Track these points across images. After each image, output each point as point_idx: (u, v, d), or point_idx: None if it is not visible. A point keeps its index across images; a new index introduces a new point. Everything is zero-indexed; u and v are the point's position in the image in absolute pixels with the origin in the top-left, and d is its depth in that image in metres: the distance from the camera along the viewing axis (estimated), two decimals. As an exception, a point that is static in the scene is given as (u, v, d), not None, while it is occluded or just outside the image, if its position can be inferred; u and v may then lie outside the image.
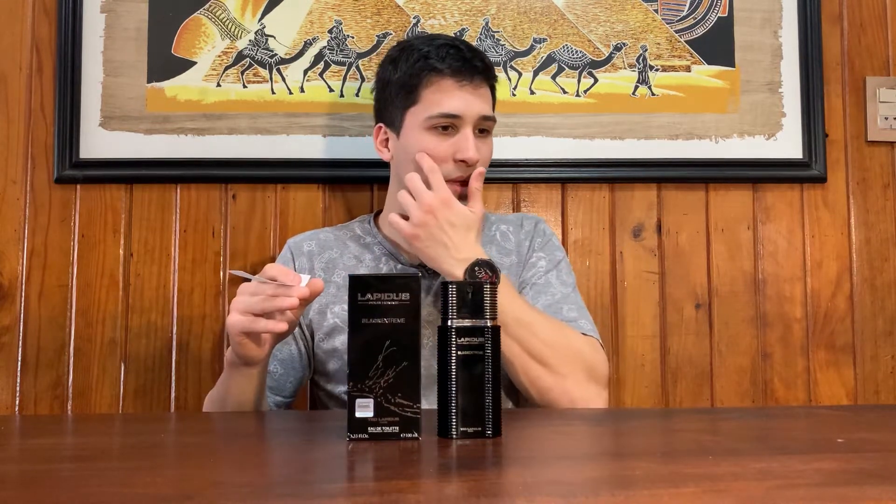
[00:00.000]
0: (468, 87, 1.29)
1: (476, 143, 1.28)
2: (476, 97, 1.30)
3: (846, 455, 0.74)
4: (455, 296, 0.84)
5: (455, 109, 1.28)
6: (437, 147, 1.28)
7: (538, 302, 1.29)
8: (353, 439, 0.80)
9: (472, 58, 1.30)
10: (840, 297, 1.66)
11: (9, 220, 1.58)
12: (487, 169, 1.60)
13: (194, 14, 1.62)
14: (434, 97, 1.28)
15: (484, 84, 1.32)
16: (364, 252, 1.37)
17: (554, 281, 1.33)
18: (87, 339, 1.57)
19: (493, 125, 1.33)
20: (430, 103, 1.28)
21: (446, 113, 1.27)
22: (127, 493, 0.60)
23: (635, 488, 0.60)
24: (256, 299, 1.02)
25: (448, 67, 1.28)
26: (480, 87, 1.31)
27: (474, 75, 1.29)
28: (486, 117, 1.31)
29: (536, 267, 1.35)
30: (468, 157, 1.26)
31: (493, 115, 1.33)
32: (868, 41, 1.70)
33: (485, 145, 1.32)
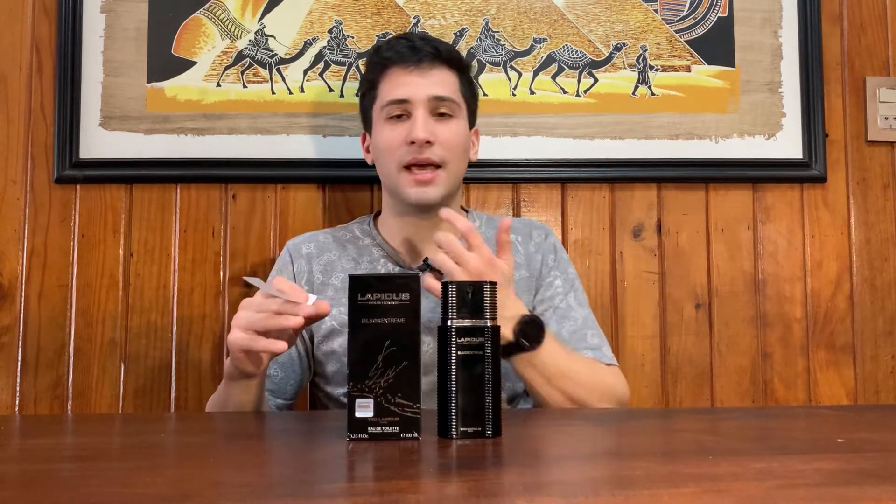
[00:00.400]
0: (416, 71, 1.30)
1: (433, 126, 1.28)
2: (425, 79, 1.29)
3: (846, 455, 0.74)
4: (455, 296, 0.84)
5: (402, 94, 1.29)
6: (391, 134, 1.30)
7: (563, 328, 1.31)
8: (353, 439, 0.80)
9: (423, 45, 1.31)
10: (840, 297, 1.66)
11: (9, 220, 1.58)
12: (487, 169, 1.61)
13: (194, 14, 1.62)
14: (387, 87, 1.31)
15: (437, 66, 1.31)
16: (363, 254, 1.37)
17: (574, 304, 1.35)
18: (87, 339, 1.57)
19: (454, 107, 1.31)
20: (384, 94, 1.32)
21: (394, 99, 1.30)
22: (127, 493, 0.60)
23: (635, 488, 0.60)
24: (259, 317, 1.01)
25: (396, 55, 1.31)
26: (431, 69, 1.30)
27: (422, 59, 1.30)
28: (439, 97, 1.29)
29: (554, 287, 1.35)
30: (415, 137, 1.26)
31: (450, 97, 1.30)
32: (868, 41, 1.70)
33: (445, 128, 1.29)
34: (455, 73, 1.34)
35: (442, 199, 1.30)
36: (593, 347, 1.32)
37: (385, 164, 1.32)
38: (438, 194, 1.29)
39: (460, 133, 1.32)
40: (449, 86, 1.32)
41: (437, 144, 1.28)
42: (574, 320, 1.33)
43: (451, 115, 1.31)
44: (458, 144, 1.31)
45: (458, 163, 1.32)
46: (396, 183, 1.30)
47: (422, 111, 1.28)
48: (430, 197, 1.28)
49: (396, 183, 1.30)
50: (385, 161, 1.32)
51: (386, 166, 1.32)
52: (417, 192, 1.28)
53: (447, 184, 1.30)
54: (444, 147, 1.28)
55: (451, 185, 1.31)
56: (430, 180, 1.28)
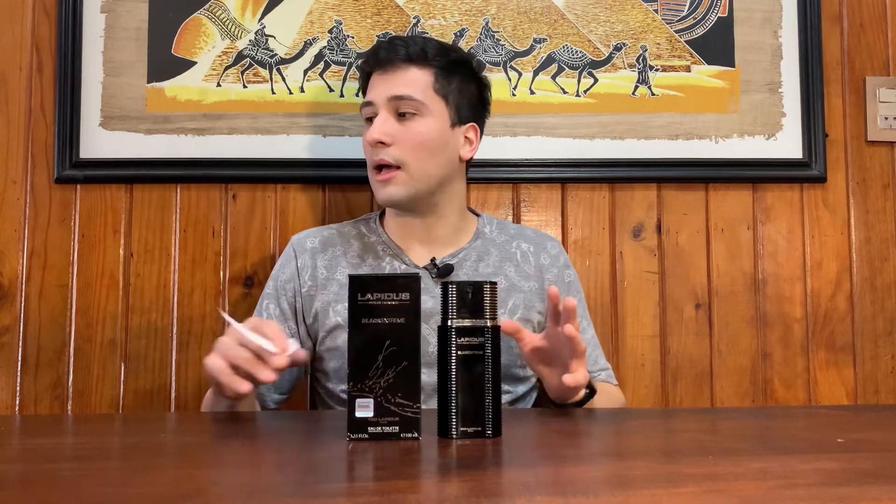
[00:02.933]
0: (383, 74, 1.32)
1: (391, 127, 1.29)
2: (388, 81, 1.30)
3: (846, 455, 0.74)
4: (455, 296, 0.84)
5: (368, 97, 1.33)
6: (365, 137, 1.32)
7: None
8: (353, 439, 0.80)
9: (390, 47, 1.32)
10: (840, 297, 1.66)
11: (9, 220, 1.58)
12: (487, 169, 1.61)
13: (194, 14, 1.62)
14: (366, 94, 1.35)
15: (403, 67, 1.30)
16: (367, 251, 1.37)
17: (586, 326, 1.41)
18: (87, 339, 1.57)
19: (418, 106, 1.29)
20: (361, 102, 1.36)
21: (363, 102, 1.34)
22: (127, 493, 0.60)
23: (635, 488, 0.60)
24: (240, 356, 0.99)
25: (373, 63, 1.34)
26: (396, 71, 1.30)
27: (391, 60, 1.31)
28: (398, 96, 1.29)
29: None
30: (368, 139, 1.29)
31: (409, 95, 1.28)
32: (868, 41, 1.70)
33: (404, 129, 1.29)
34: (427, 71, 1.31)
35: (406, 198, 1.30)
36: (605, 368, 1.41)
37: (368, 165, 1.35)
38: (399, 194, 1.29)
39: (424, 132, 1.29)
40: (413, 85, 1.29)
41: (395, 145, 1.28)
42: (589, 342, 1.39)
43: (415, 113, 1.29)
44: (420, 143, 1.28)
45: (425, 160, 1.29)
46: (372, 184, 1.34)
47: (382, 112, 1.30)
48: (390, 195, 1.29)
49: (372, 184, 1.34)
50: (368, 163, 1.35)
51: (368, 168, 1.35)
52: (381, 191, 1.31)
53: (408, 183, 1.29)
54: (401, 147, 1.28)
55: (418, 184, 1.29)
56: (389, 180, 1.29)
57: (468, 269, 1.34)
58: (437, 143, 1.30)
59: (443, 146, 1.31)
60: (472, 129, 1.36)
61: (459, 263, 1.34)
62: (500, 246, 1.39)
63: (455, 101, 1.33)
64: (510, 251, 1.38)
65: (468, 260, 1.35)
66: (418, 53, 1.31)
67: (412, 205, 1.32)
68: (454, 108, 1.33)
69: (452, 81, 1.33)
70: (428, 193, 1.32)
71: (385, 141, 1.28)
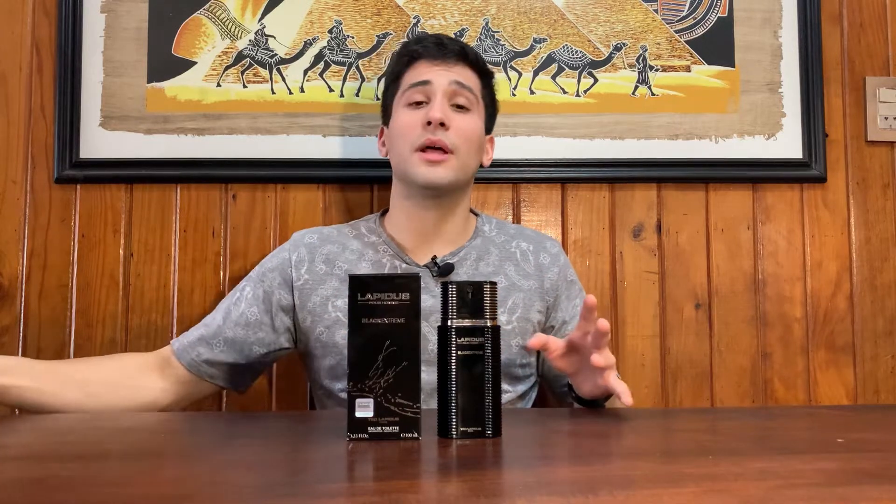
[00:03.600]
0: (441, 64, 1.33)
1: (448, 112, 1.30)
2: (447, 69, 1.33)
3: (846, 455, 0.74)
4: (455, 296, 0.84)
5: (424, 76, 1.33)
6: (409, 118, 1.32)
7: None
8: (353, 439, 0.80)
9: (451, 42, 1.36)
10: (840, 297, 1.66)
11: (9, 220, 1.58)
12: (488, 169, 1.61)
13: (194, 14, 1.62)
14: (410, 76, 1.35)
15: (460, 63, 1.34)
16: (367, 249, 1.37)
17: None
18: (87, 339, 1.57)
19: (472, 101, 1.33)
20: (406, 82, 1.35)
21: (416, 81, 1.33)
22: (127, 493, 0.60)
23: (635, 488, 0.60)
24: None
25: (424, 49, 1.34)
26: (457, 65, 1.34)
27: (449, 55, 1.33)
28: (460, 83, 1.32)
29: (576, 306, 1.39)
30: (432, 116, 1.28)
31: (470, 86, 1.33)
32: (868, 41, 1.70)
33: (460, 118, 1.32)
34: (477, 75, 1.37)
35: (450, 184, 1.31)
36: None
37: (399, 147, 1.33)
38: (447, 177, 1.30)
39: (475, 127, 1.34)
40: (471, 80, 1.35)
41: (452, 130, 1.30)
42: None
43: (469, 108, 1.33)
44: (472, 135, 1.33)
45: (470, 154, 1.33)
46: (407, 165, 1.31)
47: (441, 95, 1.31)
48: (438, 177, 1.29)
49: (407, 165, 1.31)
50: (399, 144, 1.33)
51: (399, 149, 1.33)
52: (427, 171, 1.29)
53: (456, 169, 1.30)
54: (457, 133, 1.30)
55: (461, 174, 1.32)
56: (441, 161, 1.29)
57: (468, 267, 1.35)
58: (479, 142, 1.35)
59: (480, 146, 1.36)
60: (490, 141, 1.44)
61: (460, 262, 1.35)
62: (500, 245, 1.39)
63: (488, 109, 1.39)
64: (510, 250, 1.38)
65: (468, 259, 1.36)
66: (473, 56, 1.37)
67: (446, 191, 1.33)
68: (487, 115, 1.39)
69: (488, 90, 1.40)
70: (460, 187, 1.34)
71: (447, 122, 1.29)
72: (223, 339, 1.31)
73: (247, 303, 1.33)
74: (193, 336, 1.32)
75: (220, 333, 1.31)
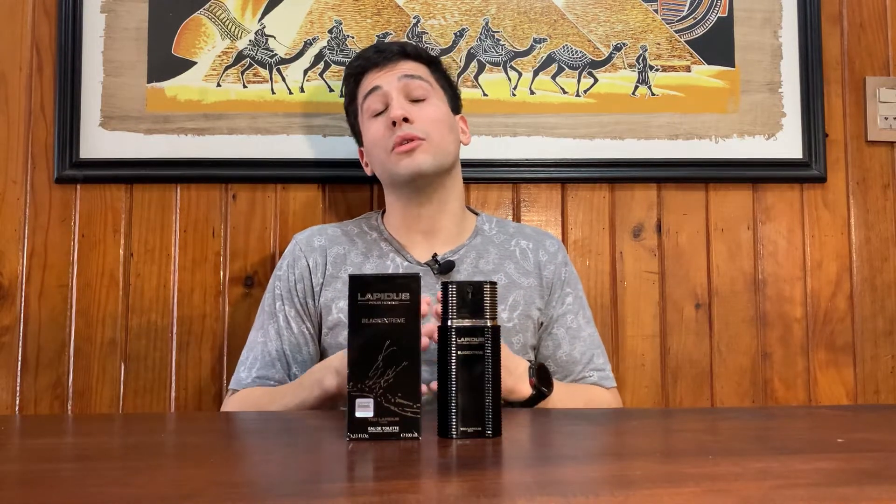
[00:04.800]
0: (385, 66, 1.36)
1: (409, 107, 1.32)
2: (392, 70, 1.36)
3: (846, 455, 0.74)
4: (455, 296, 0.84)
5: (375, 83, 1.35)
6: (376, 126, 1.35)
7: (574, 348, 1.36)
8: (353, 439, 0.80)
9: (386, 45, 1.41)
10: (840, 297, 1.66)
11: (9, 220, 1.58)
12: (488, 169, 1.62)
13: (194, 14, 1.62)
14: (363, 89, 1.38)
15: (402, 60, 1.37)
16: (371, 248, 1.38)
17: (583, 323, 1.39)
18: (87, 339, 1.57)
19: (427, 88, 1.36)
20: (361, 94, 1.38)
21: (368, 91, 1.36)
22: (127, 493, 0.60)
23: (635, 488, 0.60)
24: None
25: (365, 61, 1.39)
26: (398, 62, 1.36)
27: (389, 56, 1.37)
28: (409, 75, 1.35)
29: (566, 304, 1.38)
30: (393, 115, 1.30)
31: (419, 75, 1.36)
32: (868, 41, 1.70)
33: (421, 108, 1.33)
34: (424, 65, 1.39)
35: (432, 167, 1.32)
36: (599, 369, 1.37)
37: (377, 156, 1.36)
38: (426, 160, 1.31)
39: (438, 111, 1.36)
40: (418, 70, 1.37)
41: (417, 121, 1.32)
42: (584, 340, 1.38)
43: (426, 97, 1.35)
44: (438, 118, 1.34)
45: (443, 135, 1.34)
46: (388, 167, 1.33)
47: (395, 94, 1.33)
48: (418, 163, 1.30)
49: (388, 167, 1.33)
50: (376, 153, 1.36)
51: (378, 158, 1.35)
52: (407, 162, 1.30)
53: (433, 152, 1.31)
54: (422, 122, 1.32)
55: (441, 156, 1.33)
56: (415, 149, 1.30)
57: (468, 265, 1.35)
58: (449, 122, 1.37)
59: (452, 126, 1.38)
60: (462, 119, 1.45)
61: (460, 260, 1.35)
62: (500, 244, 1.39)
63: (447, 91, 1.41)
64: (509, 249, 1.39)
65: (468, 257, 1.36)
66: (411, 49, 1.40)
67: (434, 185, 1.34)
68: (448, 97, 1.41)
69: (440, 75, 1.42)
70: (445, 171, 1.35)
71: (408, 116, 1.31)
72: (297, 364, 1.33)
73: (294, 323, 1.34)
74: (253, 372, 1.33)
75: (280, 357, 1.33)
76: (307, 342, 1.34)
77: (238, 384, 1.33)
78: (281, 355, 1.32)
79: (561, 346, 1.36)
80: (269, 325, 1.35)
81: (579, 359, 1.35)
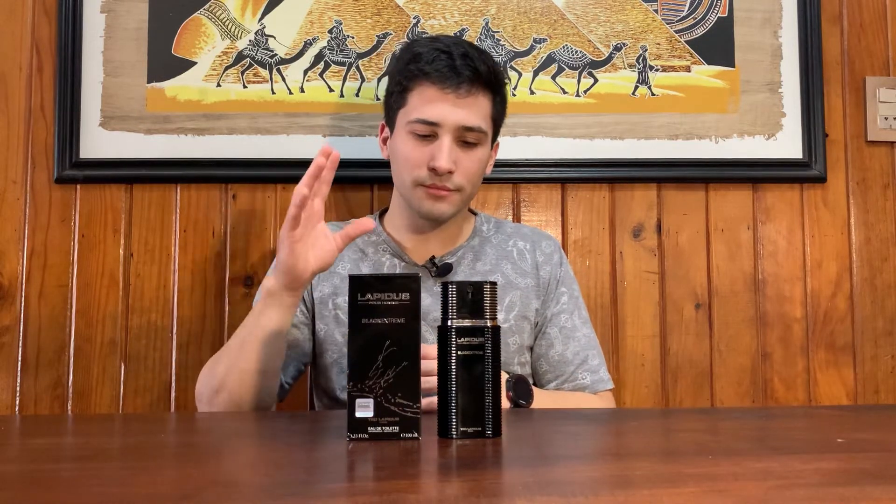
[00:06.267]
0: (451, 95, 1.26)
1: (455, 154, 1.27)
2: (459, 107, 1.26)
3: (846, 455, 0.74)
4: (455, 296, 0.84)
5: (433, 117, 1.26)
6: (414, 152, 1.28)
7: (568, 349, 1.36)
8: (353, 439, 0.80)
9: (463, 65, 1.26)
10: (840, 297, 1.66)
11: (9, 220, 1.58)
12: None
13: (194, 14, 1.62)
14: (418, 102, 1.28)
15: (474, 93, 1.27)
16: (368, 247, 1.38)
17: (578, 323, 1.38)
18: (87, 339, 1.57)
19: (482, 137, 1.29)
20: (413, 107, 1.28)
21: (424, 119, 1.27)
22: (127, 493, 0.60)
23: (635, 488, 0.60)
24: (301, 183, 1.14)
25: (435, 72, 1.26)
26: (468, 96, 1.27)
27: (461, 84, 1.26)
28: (469, 128, 1.27)
29: (561, 304, 1.38)
30: (438, 166, 1.25)
31: (480, 126, 1.28)
32: (868, 41, 1.70)
33: (467, 157, 1.28)
34: (490, 97, 1.30)
35: (451, 216, 1.33)
36: (592, 371, 1.36)
37: (401, 174, 1.32)
38: (450, 212, 1.31)
39: (482, 160, 1.32)
40: (481, 114, 1.29)
41: (458, 172, 1.28)
42: (578, 340, 1.37)
43: (477, 143, 1.30)
44: (478, 171, 1.32)
45: (475, 186, 1.34)
46: (410, 195, 1.31)
47: (448, 139, 1.26)
48: (441, 212, 1.30)
49: (410, 195, 1.31)
50: (402, 172, 1.31)
51: (402, 177, 1.32)
52: (430, 205, 1.29)
53: (459, 204, 1.32)
54: (463, 175, 1.29)
55: (463, 206, 1.34)
56: (445, 197, 1.29)
57: (465, 266, 1.35)
58: (483, 169, 1.34)
59: (484, 171, 1.35)
60: (495, 149, 1.40)
61: (457, 261, 1.35)
62: (497, 245, 1.39)
63: (497, 125, 1.36)
64: (507, 250, 1.39)
65: (466, 258, 1.36)
66: (486, 76, 1.28)
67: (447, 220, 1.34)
68: (494, 132, 1.36)
69: (500, 105, 1.34)
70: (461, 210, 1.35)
71: (453, 170, 1.27)
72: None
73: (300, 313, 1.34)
74: None
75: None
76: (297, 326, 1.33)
77: None
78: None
79: (553, 345, 1.36)
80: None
81: (571, 359, 1.35)
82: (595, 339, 1.40)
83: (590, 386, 1.35)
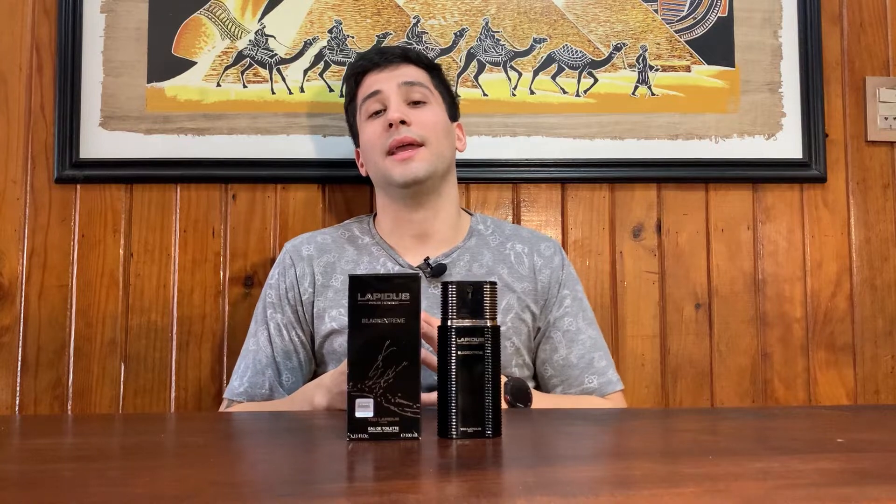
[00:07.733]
0: (385, 69, 1.38)
1: (407, 110, 1.34)
2: (392, 73, 1.37)
3: (846, 455, 0.74)
4: (455, 296, 0.84)
5: (373, 86, 1.36)
6: (372, 128, 1.36)
7: (572, 353, 1.34)
8: (353, 439, 0.80)
9: (390, 49, 1.42)
10: (840, 297, 1.66)
11: (9, 220, 1.58)
12: (487, 169, 1.62)
13: (194, 14, 1.62)
14: (363, 91, 1.39)
15: (404, 64, 1.38)
16: (362, 253, 1.37)
17: (582, 325, 1.37)
18: (87, 339, 1.57)
19: (426, 93, 1.37)
20: (360, 97, 1.39)
21: (367, 94, 1.37)
22: (127, 493, 0.60)
23: (635, 488, 0.60)
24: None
25: (367, 61, 1.40)
26: (399, 66, 1.38)
27: (391, 59, 1.38)
28: (409, 83, 1.36)
29: (563, 307, 1.37)
30: (390, 118, 1.32)
31: (420, 81, 1.37)
32: (868, 41, 1.70)
33: (419, 112, 1.35)
34: (424, 70, 1.40)
35: (427, 174, 1.32)
36: (600, 373, 1.34)
37: (371, 157, 1.36)
38: (422, 168, 1.31)
39: (436, 117, 1.37)
40: (418, 76, 1.38)
41: (414, 124, 1.33)
42: (582, 343, 1.35)
43: (425, 101, 1.37)
44: (435, 124, 1.35)
45: (440, 142, 1.35)
46: (383, 171, 1.34)
47: (394, 97, 1.34)
48: (414, 172, 1.31)
49: (383, 171, 1.34)
50: (371, 155, 1.36)
51: (372, 160, 1.36)
52: (402, 170, 1.31)
53: (430, 160, 1.32)
54: (420, 126, 1.33)
55: (437, 163, 1.34)
56: (412, 156, 1.31)
57: (462, 268, 1.35)
58: (446, 128, 1.38)
59: (449, 133, 1.39)
60: (459, 127, 1.45)
61: (453, 263, 1.35)
62: (495, 248, 1.39)
63: (445, 98, 1.42)
64: (504, 252, 1.38)
65: (462, 259, 1.36)
66: (413, 54, 1.41)
67: (427, 191, 1.34)
68: (447, 104, 1.41)
69: (439, 81, 1.42)
70: (440, 177, 1.35)
71: (406, 119, 1.32)
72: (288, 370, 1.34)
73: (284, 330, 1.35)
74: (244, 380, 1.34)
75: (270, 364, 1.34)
76: (297, 349, 1.35)
77: (231, 393, 1.34)
78: (271, 362, 1.33)
79: (558, 350, 1.35)
80: (260, 333, 1.36)
81: (576, 363, 1.34)
82: (601, 340, 1.39)
83: (597, 389, 1.34)
